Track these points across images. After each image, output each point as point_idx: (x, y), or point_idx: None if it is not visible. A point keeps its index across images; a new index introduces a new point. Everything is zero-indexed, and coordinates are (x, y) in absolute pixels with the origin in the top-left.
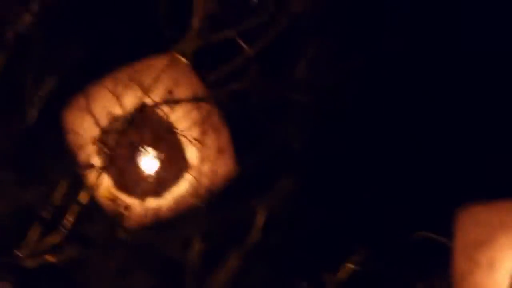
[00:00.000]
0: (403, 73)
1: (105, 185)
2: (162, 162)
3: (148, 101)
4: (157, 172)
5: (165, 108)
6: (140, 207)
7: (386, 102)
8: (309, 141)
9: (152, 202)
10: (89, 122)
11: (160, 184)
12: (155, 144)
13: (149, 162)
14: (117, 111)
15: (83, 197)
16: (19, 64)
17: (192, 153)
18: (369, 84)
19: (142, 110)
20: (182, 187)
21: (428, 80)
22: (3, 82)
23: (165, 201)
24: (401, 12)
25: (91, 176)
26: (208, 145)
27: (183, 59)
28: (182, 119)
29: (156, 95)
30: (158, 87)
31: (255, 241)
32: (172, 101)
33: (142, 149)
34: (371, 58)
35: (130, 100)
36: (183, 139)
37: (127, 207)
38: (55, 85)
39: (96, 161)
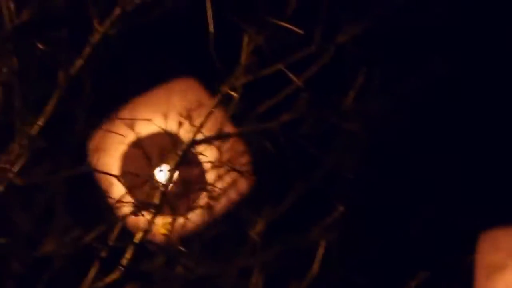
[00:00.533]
0: (453, 99)
1: (161, 221)
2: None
3: (199, 136)
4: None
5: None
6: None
7: (436, 126)
8: (360, 169)
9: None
10: (141, 161)
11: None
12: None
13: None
14: (168, 147)
15: (139, 236)
16: (71, 107)
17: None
18: (419, 111)
19: (192, 146)
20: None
21: (478, 106)
22: (57, 124)
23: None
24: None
25: (147, 214)
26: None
27: (234, 94)
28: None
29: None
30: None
31: (316, 273)
32: (223, 136)
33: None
34: (420, 85)
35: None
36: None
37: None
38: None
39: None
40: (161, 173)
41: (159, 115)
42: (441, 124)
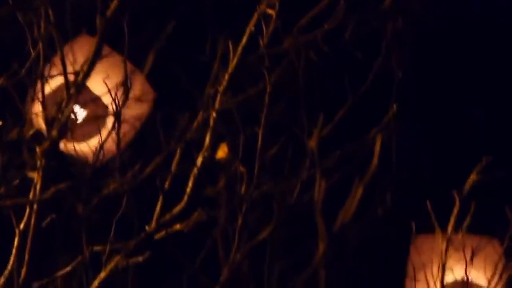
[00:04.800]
0: None
1: (220, 145)
2: None
3: None
4: None
5: None
6: None
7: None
8: (410, 66)
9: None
10: None
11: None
12: None
13: None
14: None
15: (199, 161)
16: None
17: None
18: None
19: None
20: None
21: None
22: None
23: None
24: None
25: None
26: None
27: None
28: None
29: None
30: None
31: (375, 167)
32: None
33: None
34: None
35: None
36: None
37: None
38: None
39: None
40: None
41: None
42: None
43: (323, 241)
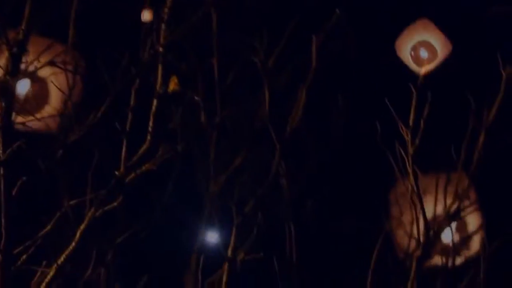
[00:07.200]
0: None
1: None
2: None
3: None
4: None
5: None
6: None
7: None
8: None
9: None
10: None
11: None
12: None
13: None
14: None
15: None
16: None
17: None
18: None
19: None
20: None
21: None
22: None
23: None
24: None
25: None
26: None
27: None
28: None
29: None
30: None
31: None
32: None
33: None
34: None
35: None
36: None
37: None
38: None
39: None
40: None
41: None
42: None
43: (277, 150)
